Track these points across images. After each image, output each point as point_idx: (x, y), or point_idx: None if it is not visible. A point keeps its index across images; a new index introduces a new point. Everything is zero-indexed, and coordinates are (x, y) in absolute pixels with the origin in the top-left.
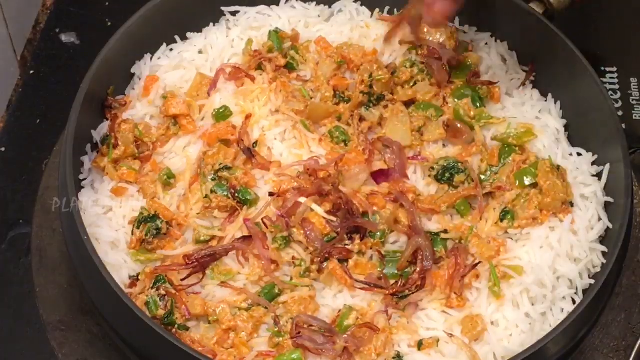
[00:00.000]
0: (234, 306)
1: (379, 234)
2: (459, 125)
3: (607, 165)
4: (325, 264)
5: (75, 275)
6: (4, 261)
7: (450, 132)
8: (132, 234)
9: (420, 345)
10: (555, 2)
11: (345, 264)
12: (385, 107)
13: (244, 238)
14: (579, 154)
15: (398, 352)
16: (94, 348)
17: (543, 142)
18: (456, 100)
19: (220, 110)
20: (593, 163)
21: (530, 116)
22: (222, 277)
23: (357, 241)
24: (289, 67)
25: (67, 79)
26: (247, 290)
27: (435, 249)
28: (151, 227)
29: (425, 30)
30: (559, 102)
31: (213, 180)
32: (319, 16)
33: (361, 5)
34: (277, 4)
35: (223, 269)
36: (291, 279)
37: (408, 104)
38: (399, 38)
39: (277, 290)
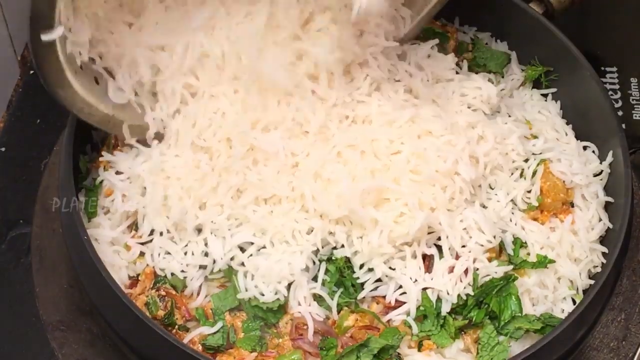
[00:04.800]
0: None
1: None
2: None
3: (607, 166)
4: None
5: (75, 275)
6: (4, 261)
7: None
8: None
9: (420, 345)
10: (555, 2)
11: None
12: None
13: None
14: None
15: (398, 352)
16: (94, 348)
17: (543, 142)
18: None
19: None
20: None
21: (530, 116)
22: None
23: None
24: None
25: None
26: None
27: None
28: None
29: None
30: (559, 102)
31: None
32: None
33: None
34: None
35: None
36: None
37: None
38: None
39: None
